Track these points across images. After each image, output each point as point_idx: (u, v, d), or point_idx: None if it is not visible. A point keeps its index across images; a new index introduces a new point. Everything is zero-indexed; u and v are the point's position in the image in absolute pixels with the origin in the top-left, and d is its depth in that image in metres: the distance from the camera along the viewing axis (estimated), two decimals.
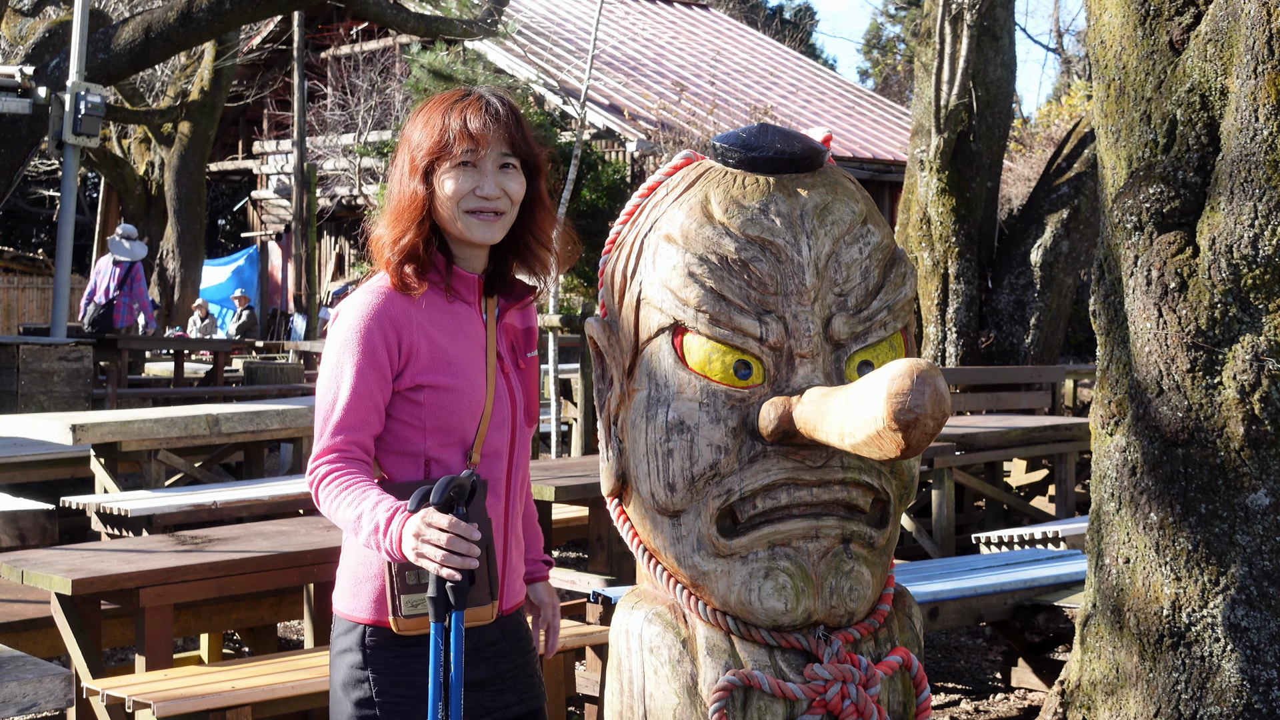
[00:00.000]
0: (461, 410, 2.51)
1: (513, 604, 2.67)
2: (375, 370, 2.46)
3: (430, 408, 2.50)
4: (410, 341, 2.48)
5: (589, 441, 9.17)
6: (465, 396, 2.51)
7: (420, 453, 2.52)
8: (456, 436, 2.51)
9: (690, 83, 22.87)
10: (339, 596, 2.60)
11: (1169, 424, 3.66)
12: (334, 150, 24.51)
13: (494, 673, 2.59)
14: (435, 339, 2.51)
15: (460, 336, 2.54)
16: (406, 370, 2.49)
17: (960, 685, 6.01)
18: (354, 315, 2.49)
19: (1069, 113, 21.28)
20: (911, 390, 2.25)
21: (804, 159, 2.65)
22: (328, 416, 2.48)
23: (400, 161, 2.55)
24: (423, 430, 2.51)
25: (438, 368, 2.50)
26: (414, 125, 2.55)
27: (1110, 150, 3.93)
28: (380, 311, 2.48)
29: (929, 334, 11.69)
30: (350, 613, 2.56)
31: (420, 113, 2.55)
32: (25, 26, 16.54)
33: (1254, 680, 3.55)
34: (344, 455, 2.46)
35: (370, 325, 2.47)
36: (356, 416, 2.46)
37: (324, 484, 2.46)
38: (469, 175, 2.50)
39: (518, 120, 2.54)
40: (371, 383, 2.46)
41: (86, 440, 6.65)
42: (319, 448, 2.48)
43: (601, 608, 4.86)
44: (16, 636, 4.73)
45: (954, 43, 11.24)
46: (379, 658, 2.51)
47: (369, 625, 2.53)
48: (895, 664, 2.65)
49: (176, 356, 14.47)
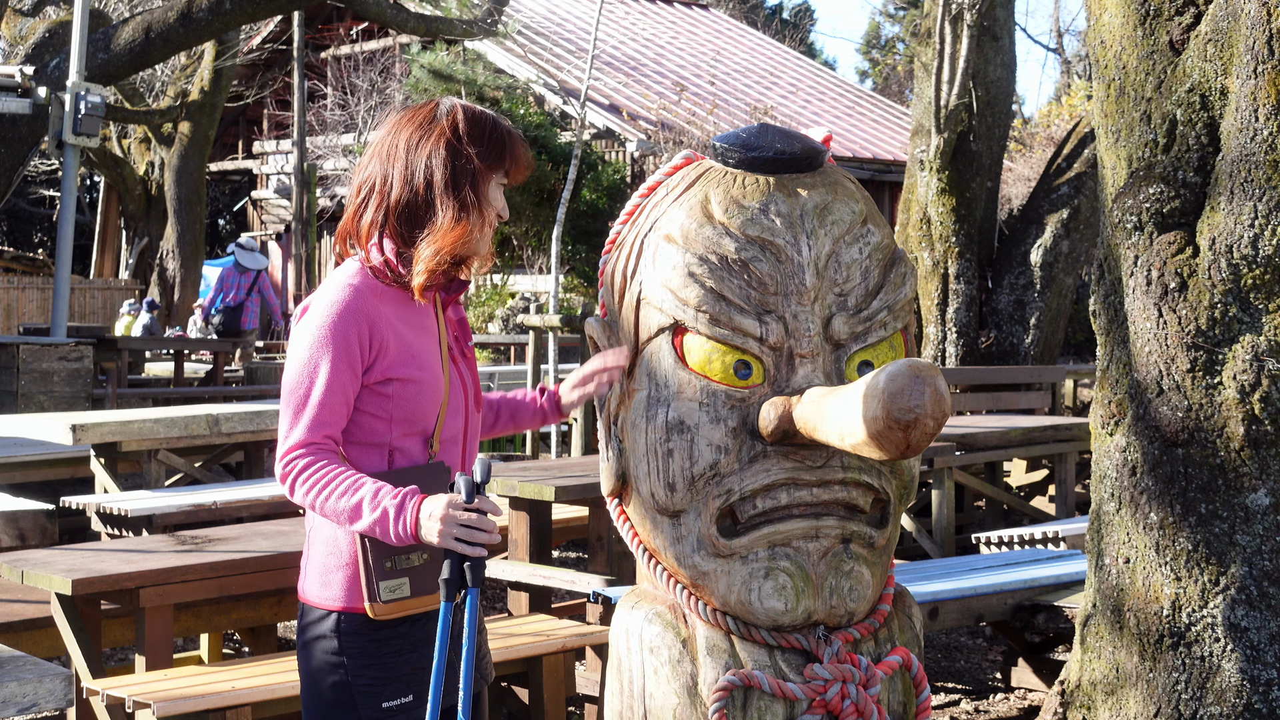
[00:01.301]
0: (425, 401, 2.60)
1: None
2: (349, 366, 2.53)
3: (398, 400, 2.58)
4: (381, 337, 2.56)
5: (589, 441, 9.17)
6: (428, 388, 2.60)
7: (385, 443, 2.60)
8: (419, 426, 2.61)
9: (690, 83, 22.87)
10: (309, 586, 2.66)
11: (1169, 424, 3.66)
12: (334, 150, 24.51)
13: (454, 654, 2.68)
14: (402, 334, 2.59)
15: (421, 331, 2.64)
16: (376, 365, 2.56)
17: (960, 685, 6.01)
18: (329, 310, 2.55)
19: (1069, 113, 21.28)
20: (911, 390, 2.25)
21: (804, 159, 2.66)
22: (300, 409, 2.54)
23: (446, 164, 2.57)
24: (389, 421, 2.59)
25: (405, 362, 2.58)
26: (460, 130, 2.59)
27: (1110, 150, 3.93)
28: (354, 308, 2.55)
29: (929, 334, 11.69)
30: (321, 601, 2.62)
31: (468, 120, 2.60)
32: (25, 26, 16.56)
33: (1254, 680, 3.55)
34: (320, 449, 2.52)
35: (345, 320, 2.54)
36: (330, 411, 2.53)
37: (303, 475, 2.52)
38: (499, 194, 2.64)
39: None
40: (345, 378, 2.53)
41: (86, 440, 6.65)
42: (293, 440, 2.53)
43: (601, 608, 4.86)
44: (16, 636, 4.73)
45: (954, 43, 11.24)
46: (353, 643, 2.58)
47: (342, 612, 2.59)
48: (895, 664, 2.65)
49: (176, 356, 14.48)
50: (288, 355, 2.61)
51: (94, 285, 24.61)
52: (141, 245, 23.90)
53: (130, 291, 23.53)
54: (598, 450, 2.84)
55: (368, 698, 2.58)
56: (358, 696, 2.58)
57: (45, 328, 14.40)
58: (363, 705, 2.58)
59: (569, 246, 18.09)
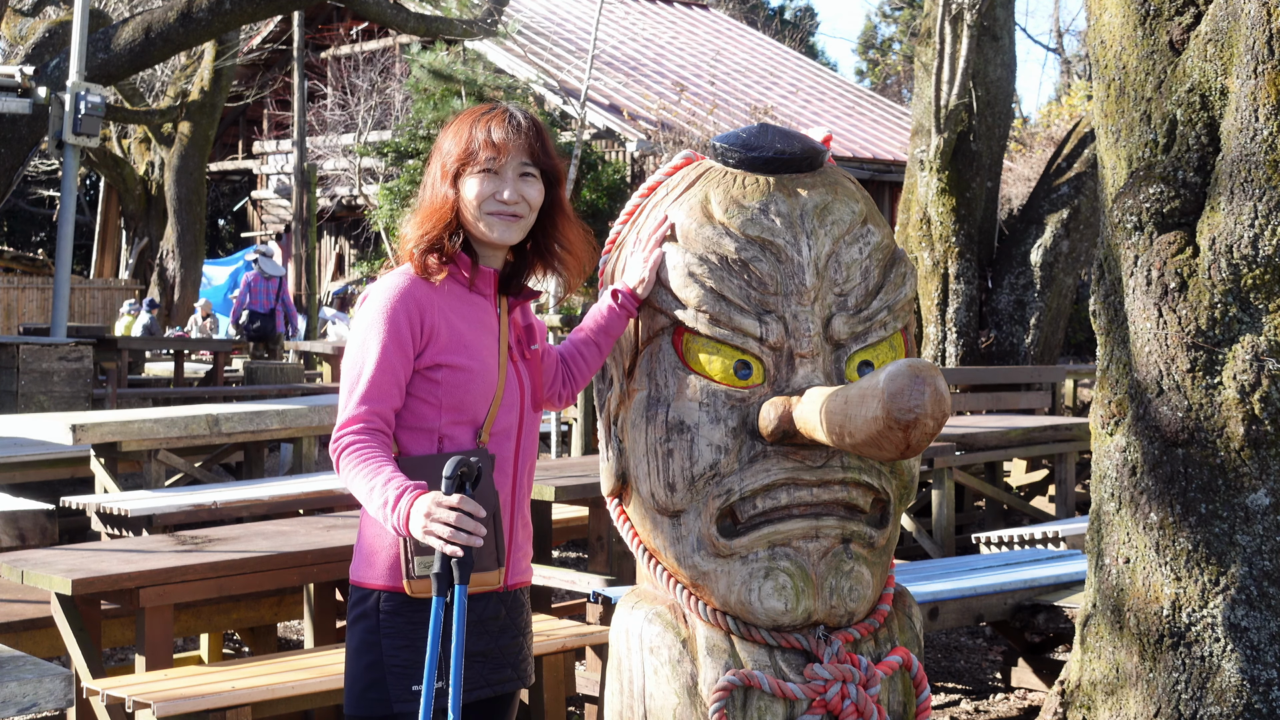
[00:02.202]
0: (474, 390, 2.68)
1: (517, 581, 2.78)
2: (399, 347, 2.64)
3: (446, 386, 2.67)
4: (431, 323, 2.66)
5: (589, 441, 9.17)
6: (478, 378, 2.68)
7: (435, 429, 2.68)
8: (468, 415, 2.68)
9: (690, 83, 22.87)
10: (355, 567, 2.74)
11: (1169, 424, 3.66)
12: (334, 150, 24.50)
13: (495, 646, 2.72)
14: (454, 323, 2.69)
15: (476, 324, 2.72)
16: (427, 350, 2.67)
17: (960, 685, 6.01)
18: (382, 296, 2.68)
19: (1069, 113, 21.29)
20: (911, 390, 2.25)
21: (804, 159, 2.66)
22: (353, 388, 2.65)
23: (432, 168, 2.77)
24: (438, 408, 2.67)
25: (455, 349, 2.67)
26: (445, 135, 2.77)
27: (1110, 150, 3.93)
28: (406, 293, 2.67)
29: (929, 334, 11.69)
30: (365, 580, 2.70)
31: (452, 124, 2.78)
32: (25, 26, 16.56)
33: (1254, 680, 3.55)
34: (367, 426, 2.62)
35: (396, 305, 2.66)
36: (379, 389, 2.63)
37: (345, 454, 2.61)
38: (491, 181, 2.70)
39: (539, 133, 2.75)
40: (394, 358, 2.64)
41: (86, 440, 6.65)
42: (344, 417, 2.64)
43: (601, 608, 4.86)
44: (16, 636, 4.73)
45: (954, 43, 11.24)
46: (391, 623, 2.66)
47: (384, 591, 2.67)
48: (895, 664, 2.65)
49: (176, 356, 14.48)
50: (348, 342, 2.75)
51: (94, 285, 24.61)
52: (141, 245, 23.90)
53: (130, 291, 23.54)
54: (598, 450, 2.85)
55: (399, 679, 2.64)
56: (389, 677, 2.64)
57: (45, 328, 14.40)
58: (393, 686, 2.64)
59: None
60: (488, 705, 2.73)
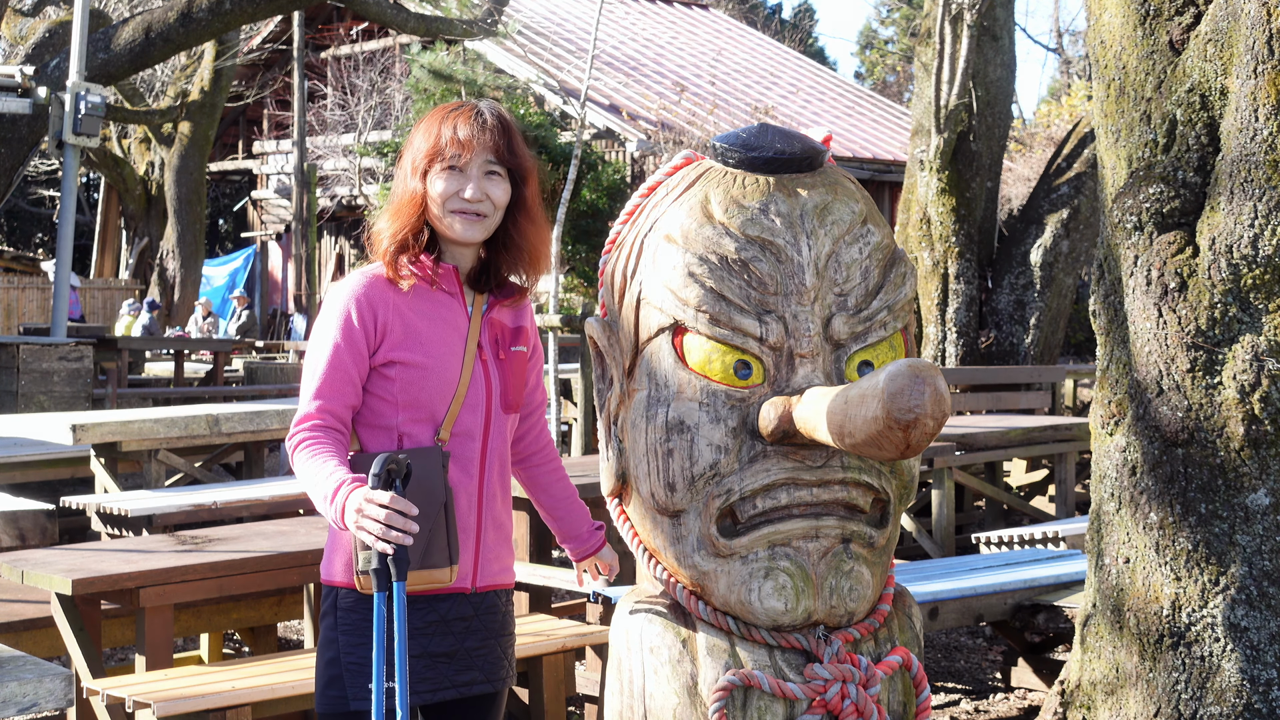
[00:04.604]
0: (430, 388, 2.68)
1: (489, 584, 2.79)
2: (350, 345, 2.66)
3: (401, 383, 2.68)
4: (385, 320, 2.68)
5: (589, 441, 9.17)
6: (434, 375, 2.69)
7: (393, 427, 2.69)
8: (426, 413, 2.69)
9: (690, 83, 22.87)
10: (323, 565, 2.77)
11: (1169, 424, 3.66)
12: (334, 150, 24.50)
13: (460, 647, 2.73)
14: (410, 320, 2.70)
15: (437, 321, 2.72)
16: (381, 347, 2.68)
17: (960, 685, 6.01)
18: (336, 296, 2.72)
19: (1069, 113, 21.28)
20: (911, 390, 2.25)
21: (804, 159, 2.65)
22: (306, 387, 2.69)
23: (403, 163, 2.78)
24: (395, 405, 2.68)
25: (409, 346, 2.68)
26: (417, 131, 2.78)
27: (1110, 150, 3.93)
28: (359, 292, 2.69)
29: (929, 334, 11.69)
30: (328, 576, 2.74)
31: (423, 121, 2.78)
32: (25, 26, 16.55)
33: (1254, 680, 3.55)
34: (319, 424, 2.64)
35: (348, 304, 2.68)
36: (331, 387, 2.66)
37: (297, 450, 2.64)
38: (455, 178, 2.71)
39: (506, 131, 2.76)
40: (346, 356, 2.66)
41: (86, 440, 6.65)
42: (298, 415, 2.68)
43: (601, 608, 4.86)
44: (16, 636, 4.73)
45: (954, 43, 11.24)
46: (349, 620, 2.68)
47: (341, 588, 2.70)
48: (895, 664, 2.65)
49: (176, 356, 14.48)
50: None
51: (94, 285, 24.61)
52: (141, 245, 23.90)
53: (130, 291, 23.53)
54: (598, 450, 2.86)
55: (354, 676, 2.65)
56: (346, 675, 2.66)
57: (45, 328, 14.40)
58: (350, 684, 2.65)
59: (569, 246, 18.10)
60: (456, 707, 2.74)
